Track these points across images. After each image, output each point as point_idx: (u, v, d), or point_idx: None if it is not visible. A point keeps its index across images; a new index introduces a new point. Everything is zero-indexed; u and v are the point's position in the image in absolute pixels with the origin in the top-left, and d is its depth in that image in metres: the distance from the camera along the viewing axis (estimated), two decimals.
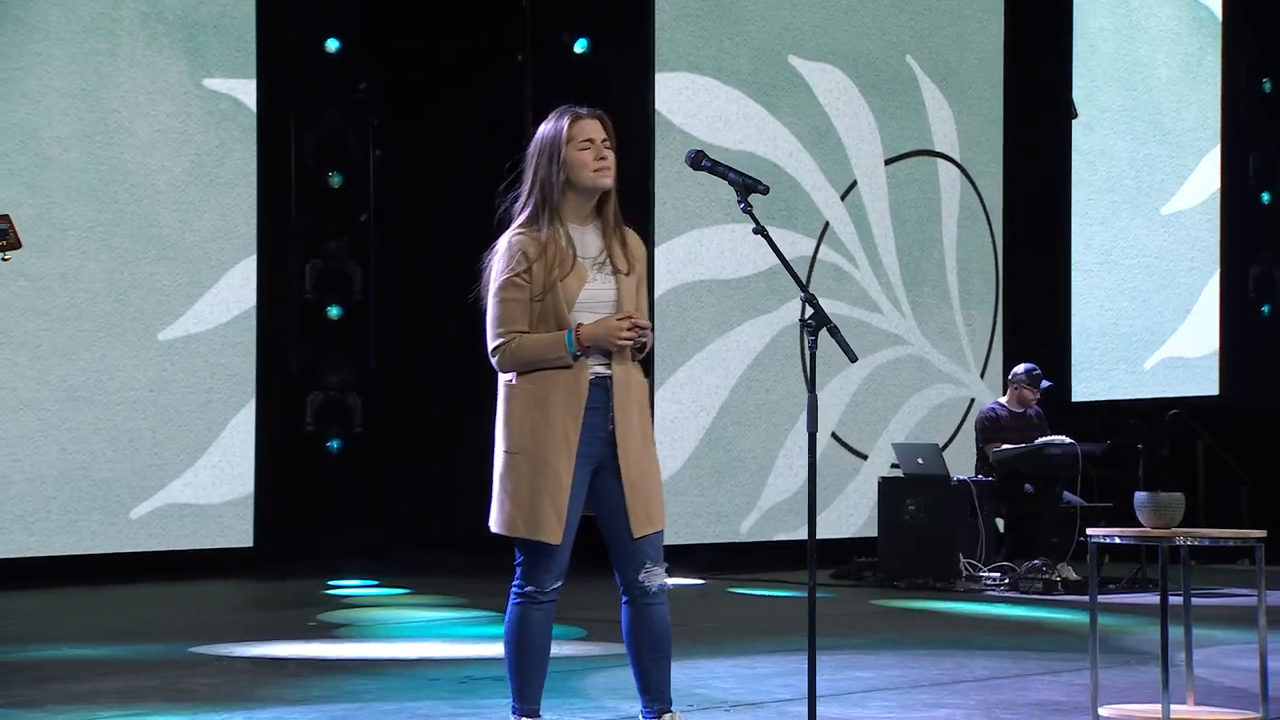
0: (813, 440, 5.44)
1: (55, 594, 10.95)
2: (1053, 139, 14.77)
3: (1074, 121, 14.37)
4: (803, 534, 13.05)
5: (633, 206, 12.37)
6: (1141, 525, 6.35)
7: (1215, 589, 11.84)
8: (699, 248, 12.92)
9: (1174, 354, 14.84)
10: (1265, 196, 14.43)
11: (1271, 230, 14.49)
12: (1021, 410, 12.10)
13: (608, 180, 5.33)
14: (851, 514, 13.14)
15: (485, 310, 5.39)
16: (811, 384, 5.55)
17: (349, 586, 11.53)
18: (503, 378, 5.42)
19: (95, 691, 7.21)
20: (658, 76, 12.71)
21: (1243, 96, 14.45)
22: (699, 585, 11.95)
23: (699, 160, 5.43)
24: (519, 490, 5.31)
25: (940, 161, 14.35)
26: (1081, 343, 14.44)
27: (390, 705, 6.83)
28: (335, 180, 12.84)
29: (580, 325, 5.27)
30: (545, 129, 5.40)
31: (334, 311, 12.89)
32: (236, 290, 12.14)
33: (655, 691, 5.54)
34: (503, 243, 5.38)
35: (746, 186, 5.49)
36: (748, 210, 5.46)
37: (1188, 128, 14.88)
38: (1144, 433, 12.28)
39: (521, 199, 5.43)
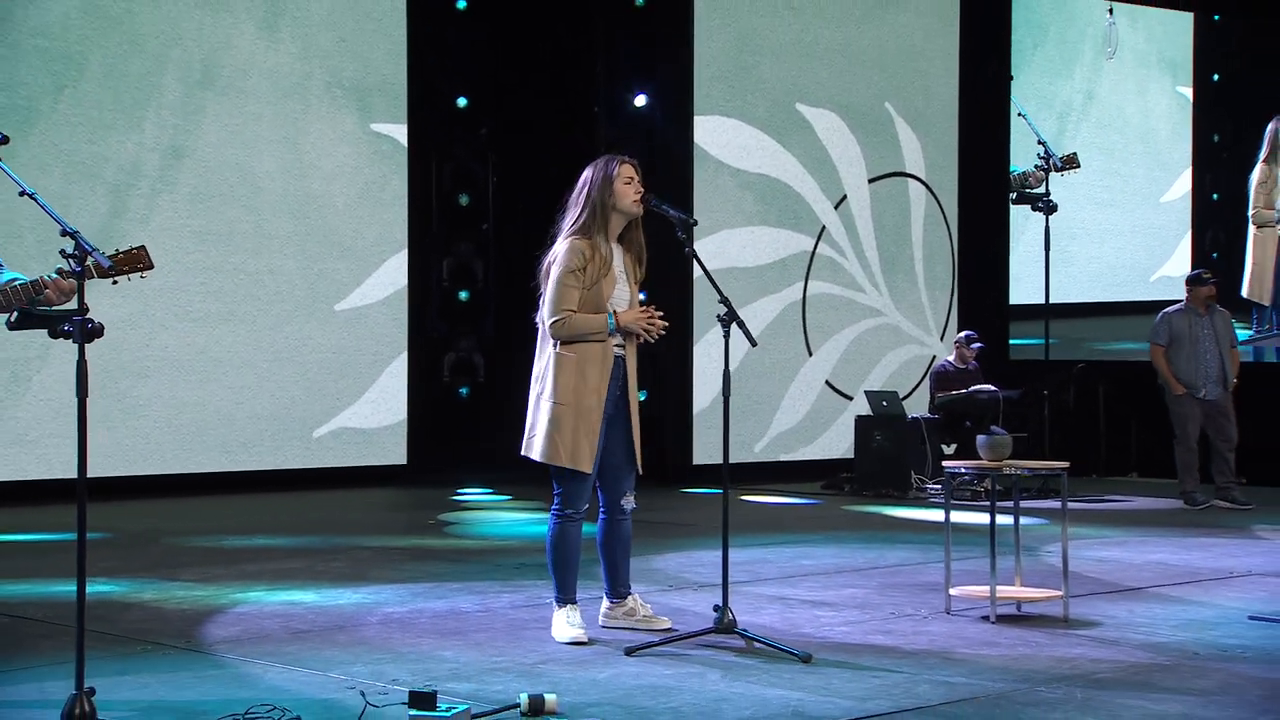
0: (726, 403, 5.54)
1: (260, 498, 10.99)
2: (994, 164, 14.54)
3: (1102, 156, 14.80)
4: (801, 455, 13.21)
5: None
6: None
7: (1107, 496, 11.73)
8: (726, 243, 12.81)
9: (1166, 274, 14.71)
10: (1215, 195, 15.02)
11: (1217, 216, 14.95)
12: (963, 366, 12.10)
13: (639, 209, 5.40)
14: (838, 441, 13.04)
15: (544, 293, 5.37)
16: (726, 363, 5.55)
17: (468, 494, 11.46)
18: (551, 348, 5.36)
19: (259, 571, 7.32)
20: (696, 119, 12.66)
21: (1203, 143, 15.00)
22: (717, 493, 11.74)
23: (647, 201, 5.39)
24: (563, 432, 5.30)
25: (910, 181, 14.20)
26: (1117, 271, 14.83)
27: (457, 584, 6.86)
28: (464, 199, 12.92)
29: (618, 311, 5.34)
30: (598, 169, 5.40)
31: (463, 295, 12.97)
32: (392, 277, 12.20)
33: (622, 580, 5.68)
34: (563, 246, 5.34)
35: (681, 221, 5.46)
36: (684, 236, 5.51)
37: (1176, 160, 14.96)
38: (1050, 382, 12.28)
39: (572, 216, 5.39)
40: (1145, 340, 11.14)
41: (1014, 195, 14.24)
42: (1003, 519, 6.57)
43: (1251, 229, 14.54)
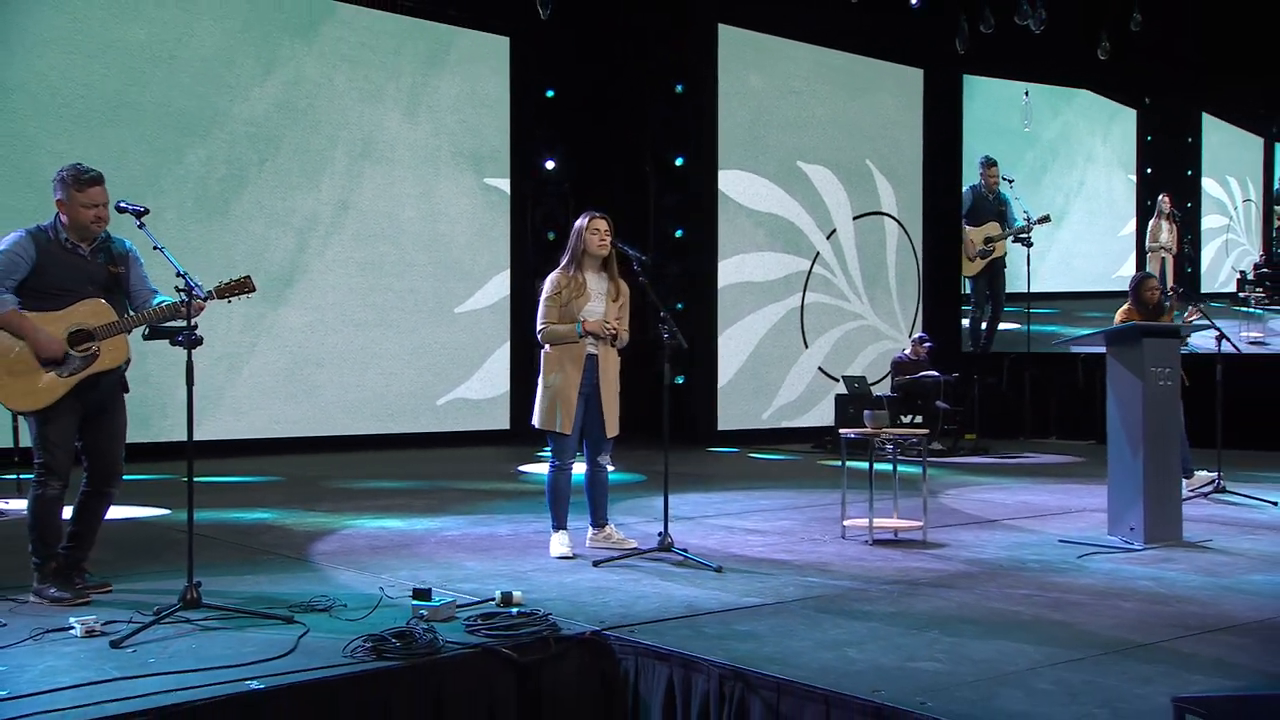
0: (667, 392, 5.66)
1: (398, 453, 11.16)
2: (949, 205, 14.45)
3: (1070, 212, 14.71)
4: (798, 423, 13.21)
5: (705, 243, 12.76)
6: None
7: (1024, 454, 11.60)
8: (743, 264, 12.94)
9: (1120, 275, 14.54)
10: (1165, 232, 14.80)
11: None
12: (916, 358, 12.07)
13: (603, 251, 5.57)
14: (825, 413, 12.99)
15: (538, 307, 5.60)
16: (669, 359, 5.58)
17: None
18: (542, 349, 5.61)
19: (371, 505, 7.38)
20: (721, 173, 12.78)
21: (1141, 205, 15.04)
22: (734, 451, 11.79)
23: (615, 245, 5.58)
24: (548, 406, 5.57)
25: (885, 218, 14.20)
26: (1094, 274, 14.70)
27: (504, 516, 6.91)
28: (550, 235, 12.96)
29: (586, 321, 5.53)
30: (579, 222, 5.63)
31: None
32: (498, 290, 12.45)
33: (601, 514, 5.84)
34: (548, 278, 5.64)
35: (636, 259, 5.52)
36: (639, 270, 5.54)
37: (1125, 213, 14.93)
38: (982, 369, 12.31)
39: (565, 255, 5.66)
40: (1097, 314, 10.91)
41: (1011, 238, 14.37)
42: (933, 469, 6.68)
43: (1149, 254, 14.72)
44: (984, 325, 14.22)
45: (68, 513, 4.76)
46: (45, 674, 3.57)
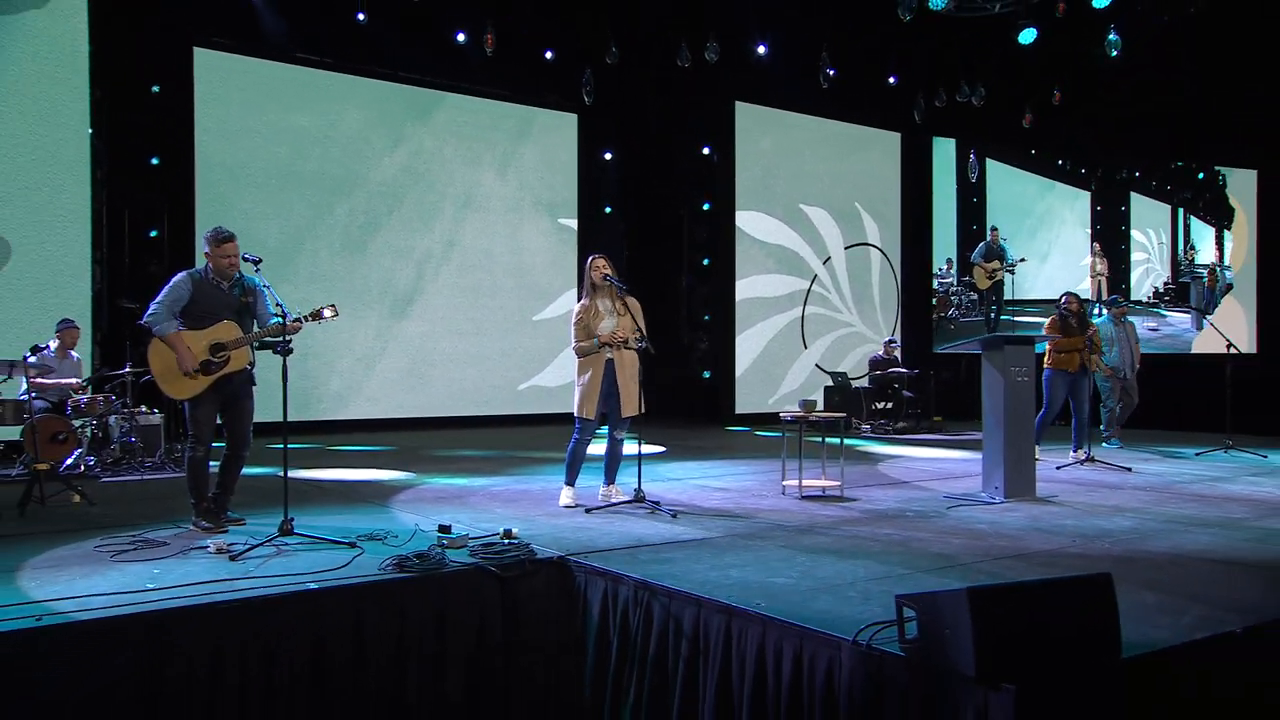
0: (641, 386, 5.78)
1: (486, 429, 11.13)
2: (922, 239, 14.33)
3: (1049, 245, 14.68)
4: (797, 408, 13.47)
5: (726, 268, 12.98)
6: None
7: (970, 433, 11.24)
8: (756, 284, 12.93)
9: (1080, 287, 14.49)
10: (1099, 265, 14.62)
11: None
12: (888, 356, 12.04)
13: (599, 279, 5.69)
14: (817, 401, 12.90)
15: (571, 330, 5.66)
16: (640, 364, 5.74)
17: (604, 429, 11.26)
18: (575, 359, 5.71)
19: (449, 467, 7.42)
20: (738, 214, 12.78)
21: (1109, 250, 14.65)
22: (745, 430, 11.69)
23: (607, 280, 5.69)
24: (582, 399, 5.69)
25: (871, 249, 14.12)
26: (1062, 290, 14.41)
27: (541, 478, 6.89)
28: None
29: (601, 335, 5.65)
30: (588, 262, 5.75)
31: None
32: (567, 302, 12.41)
33: (611, 475, 5.92)
34: (576, 307, 5.76)
35: (622, 288, 5.67)
36: (624, 296, 5.69)
37: (1083, 253, 14.79)
38: (939, 366, 12.28)
39: (582, 287, 5.82)
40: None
41: (1006, 270, 14.43)
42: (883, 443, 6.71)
43: (1089, 278, 14.60)
44: (991, 316, 14.32)
45: (213, 469, 5.31)
46: (183, 576, 4.08)
